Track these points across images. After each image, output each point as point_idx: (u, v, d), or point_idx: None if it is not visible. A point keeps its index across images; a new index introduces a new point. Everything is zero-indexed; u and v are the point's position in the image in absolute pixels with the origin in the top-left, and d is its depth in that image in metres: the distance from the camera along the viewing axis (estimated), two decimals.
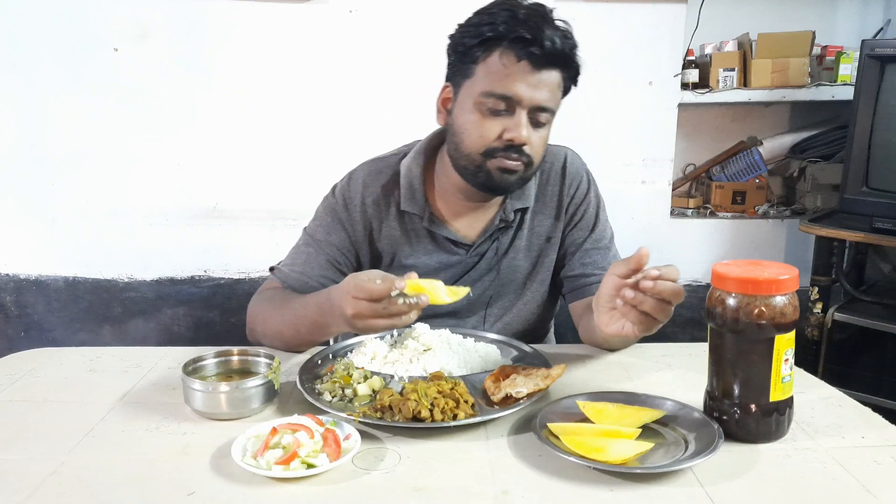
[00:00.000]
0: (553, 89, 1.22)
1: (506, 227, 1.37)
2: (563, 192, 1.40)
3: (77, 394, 1.10)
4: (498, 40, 1.18)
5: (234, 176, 2.57)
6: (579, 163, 1.43)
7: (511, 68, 1.18)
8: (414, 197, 1.34)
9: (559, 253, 1.41)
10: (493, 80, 1.20)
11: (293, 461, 0.84)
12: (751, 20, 2.69)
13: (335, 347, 1.23)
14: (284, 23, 2.46)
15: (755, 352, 0.91)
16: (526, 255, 1.40)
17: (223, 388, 0.99)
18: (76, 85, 2.48)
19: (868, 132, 2.17)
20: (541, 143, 1.26)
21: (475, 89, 1.22)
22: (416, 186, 1.34)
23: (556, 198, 1.40)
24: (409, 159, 1.37)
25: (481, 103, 1.21)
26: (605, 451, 0.86)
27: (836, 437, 0.95)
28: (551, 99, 1.22)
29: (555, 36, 1.17)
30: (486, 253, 1.38)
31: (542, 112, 1.22)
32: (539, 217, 1.40)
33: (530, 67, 1.18)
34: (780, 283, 0.89)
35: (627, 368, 1.20)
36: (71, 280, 2.64)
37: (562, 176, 1.40)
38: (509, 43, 1.18)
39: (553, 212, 1.40)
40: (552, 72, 1.20)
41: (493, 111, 1.21)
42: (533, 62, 1.18)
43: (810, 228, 2.33)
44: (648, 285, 1.01)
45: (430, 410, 0.95)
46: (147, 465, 0.89)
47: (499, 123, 1.21)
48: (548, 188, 1.40)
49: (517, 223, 1.38)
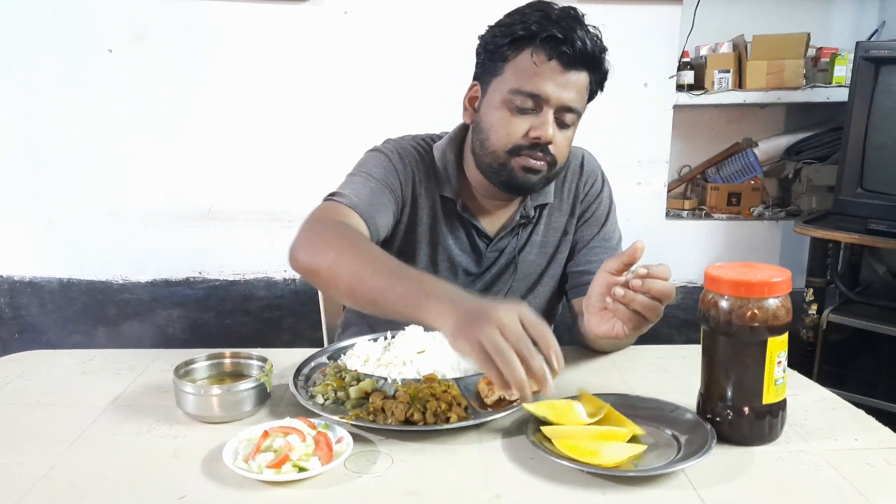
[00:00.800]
0: (581, 90, 1.22)
1: (525, 223, 1.38)
2: (579, 189, 1.42)
3: (68, 396, 1.10)
4: (530, 39, 1.19)
5: (229, 177, 2.56)
6: (595, 163, 1.46)
7: (541, 66, 1.19)
8: (450, 182, 1.35)
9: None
10: (522, 77, 1.21)
11: (285, 464, 0.84)
12: (746, 22, 2.69)
13: (328, 350, 1.22)
14: (280, 24, 2.45)
15: (748, 354, 0.91)
16: (541, 250, 1.41)
17: (215, 391, 0.99)
18: (71, 86, 2.47)
19: (863, 134, 2.17)
20: (566, 144, 1.26)
21: (504, 87, 1.23)
22: (451, 172, 1.35)
23: (572, 194, 1.42)
24: (444, 146, 1.37)
25: (509, 101, 1.22)
26: (597, 454, 0.86)
27: (829, 439, 0.95)
28: (578, 100, 1.23)
29: (586, 37, 1.19)
30: (506, 248, 1.39)
31: (569, 112, 1.22)
32: (556, 213, 1.41)
33: (560, 67, 1.19)
34: (773, 286, 0.89)
35: (621, 370, 1.20)
36: (65, 282, 2.63)
37: (579, 173, 1.42)
38: (540, 42, 1.18)
39: (569, 208, 1.42)
40: (581, 73, 1.21)
41: (520, 109, 1.22)
42: (563, 62, 1.19)
43: (805, 230, 2.34)
44: (638, 283, 0.99)
45: (422, 413, 0.95)
46: (138, 468, 0.89)
47: (526, 121, 1.22)
48: (565, 185, 1.42)
49: (535, 219, 1.39)
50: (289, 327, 2.68)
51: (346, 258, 1.08)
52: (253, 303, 2.66)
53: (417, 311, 0.97)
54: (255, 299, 2.65)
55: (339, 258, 1.08)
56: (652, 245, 2.88)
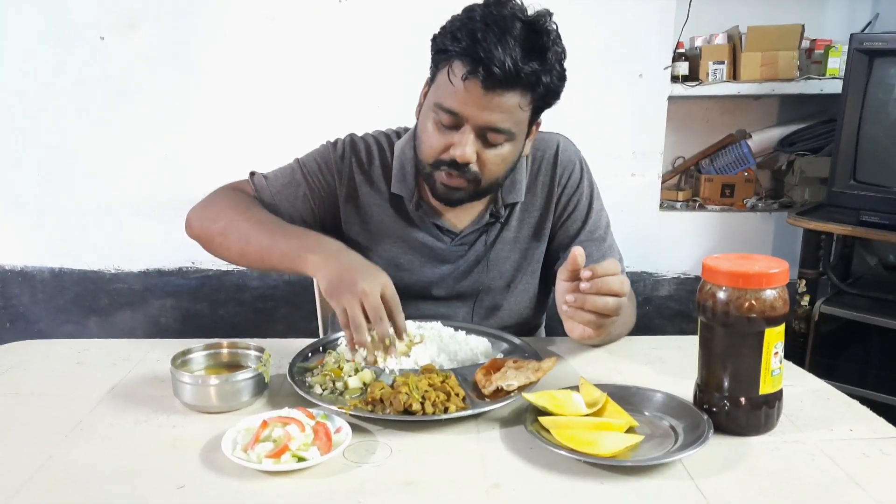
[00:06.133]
0: (509, 110, 1.15)
1: (494, 221, 1.37)
2: (555, 182, 1.38)
3: (64, 387, 1.09)
4: (452, 53, 1.14)
5: (221, 167, 2.52)
6: (572, 150, 1.41)
7: (459, 85, 1.13)
8: (405, 180, 1.34)
9: (552, 245, 1.41)
10: (443, 92, 1.17)
11: (284, 454, 0.84)
12: (740, 13, 2.70)
13: (325, 339, 1.22)
14: (273, 14, 2.44)
15: (745, 345, 0.91)
16: (513, 247, 1.39)
17: (213, 381, 0.99)
18: (63, 75, 2.46)
19: (856, 126, 2.18)
20: (496, 161, 1.21)
21: (432, 97, 1.21)
22: (408, 170, 1.34)
23: (546, 188, 1.38)
24: (404, 142, 1.36)
25: (434, 113, 1.19)
26: (595, 444, 0.86)
27: (824, 429, 0.95)
28: (506, 120, 1.16)
29: (509, 58, 1.09)
30: (475, 244, 1.38)
31: (496, 133, 1.17)
32: (529, 209, 1.39)
33: (480, 87, 1.12)
34: (771, 277, 0.89)
35: (618, 361, 1.20)
36: (57, 271, 2.62)
37: (553, 165, 1.38)
38: (463, 59, 1.12)
39: (543, 202, 1.38)
40: (507, 94, 1.13)
41: (443, 124, 1.18)
42: (482, 83, 1.11)
43: (798, 221, 2.35)
44: (586, 286, 1.04)
45: (421, 403, 0.95)
46: (136, 458, 0.89)
47: (447, 137, 1.19)
48: (539, 179, 1.38)
49: (506, 216, 1.38)
50: (283, 317, 2.67)
51: (235, 223, 1.24)
52: (246, 293, 2.65)
53: (298, 263, 1.14)
54: (249, 289, 2.65)
55: (228, 224, 1.25)
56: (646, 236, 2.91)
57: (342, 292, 1.05)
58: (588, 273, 1.05)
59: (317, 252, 1.14)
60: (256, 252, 1.22)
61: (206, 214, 1.31)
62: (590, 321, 1.08)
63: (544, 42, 1.14)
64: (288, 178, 1.37)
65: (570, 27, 1.21)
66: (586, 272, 1.05)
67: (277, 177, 1.38)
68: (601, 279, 1.05)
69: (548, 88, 1.17)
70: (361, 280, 1.05)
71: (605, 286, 1.05)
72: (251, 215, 1.26)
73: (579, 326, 1.11)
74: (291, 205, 1.36)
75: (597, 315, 1.07)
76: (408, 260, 1.37)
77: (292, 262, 1.16)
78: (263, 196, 1.35)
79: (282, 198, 1.35)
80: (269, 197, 1.35)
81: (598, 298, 1.06)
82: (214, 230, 1.28)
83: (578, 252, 1.07)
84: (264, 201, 1.34)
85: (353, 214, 1.38)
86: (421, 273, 1.37)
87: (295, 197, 1.36)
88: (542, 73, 1.14)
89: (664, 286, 2.75)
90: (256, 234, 1.22)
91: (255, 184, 1.37)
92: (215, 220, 1.28)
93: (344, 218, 1.38)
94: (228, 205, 1.29)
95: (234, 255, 1.27)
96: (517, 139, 1.22)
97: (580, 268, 1.07)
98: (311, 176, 1.37)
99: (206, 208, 1.32)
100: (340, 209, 1.38)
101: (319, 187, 1.37)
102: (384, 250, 1.37)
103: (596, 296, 1.05)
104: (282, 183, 1.37)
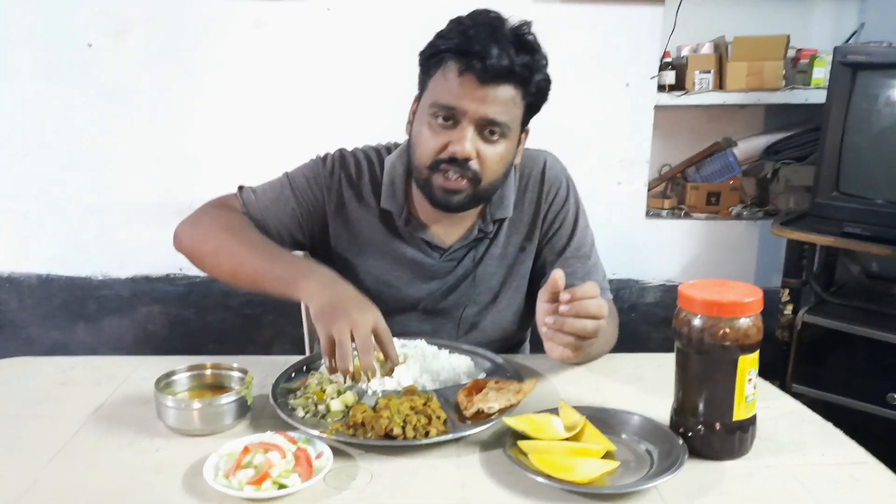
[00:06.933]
0: (505, 104, 1.20)
1: (483, 237, 1.38)
2: (541, 199, 1.40)
3: (50, 408, 1.10)
4: (447, 54, 1.20)
5: (210, 172, 2.55)
6: (559, 168, 1.43)
7: (456, 80, 1.19)
8: (394, 195, 1.35)
9: (538, 262, 1.42)
10: (439, 91, 1.21)
11: (265, 482, 0.85)
12: (727, 22, 2.71)
13: (309, 359, 1.23)
14: (262, 20, 2.44)
15: (720, 372, 0.93)
16: (500, 262, 1.40)
17: (195, 405, 1.00)
18: (51, 80, 2.45)
19: (839, 139, 2.20)
20: (495, 159, 1.24)
21: (426, 102, 1.24)
22: (398, 185, 1.35)
23: (533, 205, 1.40)
24: (395, 157, 1.38)
25: (431, 115, 1.23)
26: (573, 470, 0.88)
27: (797, 453, 0.97)
28: (503, 113, 1.21)
29: (503, 51, 1.16)
30: (464, 260, 1.39)
31: (493, 126, 1.21)
32: (516, 225, 1.40)
33: (476, 81, 1.18)
34: (745, 306, 0.91)
35: (598, 380, 1.22)
36: (44, 277, 2.61)
37: (540, 182, 1.40)
38: (457, 57, 1.18)
39: (529, 219, 1.40)
40: (502, 87, 1.19)
41: (440, 123, 1.22)
42: (478, 76, 1.17)
43: (782, 231, 2.37)
44: (566, 308, 1.08)
45: (402, 427, 0.97)
46: (120, 483, 0.90)
47: (445, 136, 1.22)
48: (526, 195, 1.40)
49: (494, 232, 1.39)
50: (270, 323, 2.68)
51: (227, 245, 1.24)
52: (234, 299, 2.65)
53: (292, 287, 1.15)
54: (236, 296, 2.65)
55: (219, 245, 1.25)
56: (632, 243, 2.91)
57: (335, 318, 1.04)
58: (567, 296, 1.07)
59: (312, 278, 1.14)
60: (249, 275, 1.22)
61: (196, 232, 1.31)
62: (568, 343, 1.11)
63: (533, 41, 1.21)
64: (277, 192, 1.38)
65: (557, 37, 1.24)
66: (565, 295, 1.08)
67: (266, 191, 1.39)
68: (580, 302, 1.08)
69: (538, 86, 1.23)
70: (355, 311, 1.06)
71: (584, 309, 1.08)
72: (244, 238, 1.26)
73: (558, 347, 1.13)
74: (280, 220, 1.36)
75: (575, 337, 1.10)
76: (396, 276, 1.38)
77: (286, 286, 1.16)
78: (252, 211, 1.36)
79: (270, 213, 1.36)
80: (257, 212, 1.36)
81: (577, 321, 1.09)
82: (206, 251, 1.28)
83: (558, 275, 1.10)
84: (252, 216, 1.35)
85: (342, 230, 1.39)
86: (409, 288, 1.38)
87: (283, 212, 1.37)
88: (534, 68, 1.20)
89: (650, 293, 2.77)
90: (250, 258, 1.22)
91: (243, 198, 1.37)
92: (206, 241, 1.28)
93: (332, 233, 1.39)
94: (220, 224, 1.29)
95: (225, 275, 1.26)
96: (511, 137, 1.25)
97: (560, 290, 1.10)
98: (300, 191, 1.37)
99: (195, 226, 1.32)
100: (329, 224, 1.39)
101: (308, 202, 1.38)
102: (372, 266, 1.38)
103: (574, 318, 1.08)
104: (270, 198, 1.37)
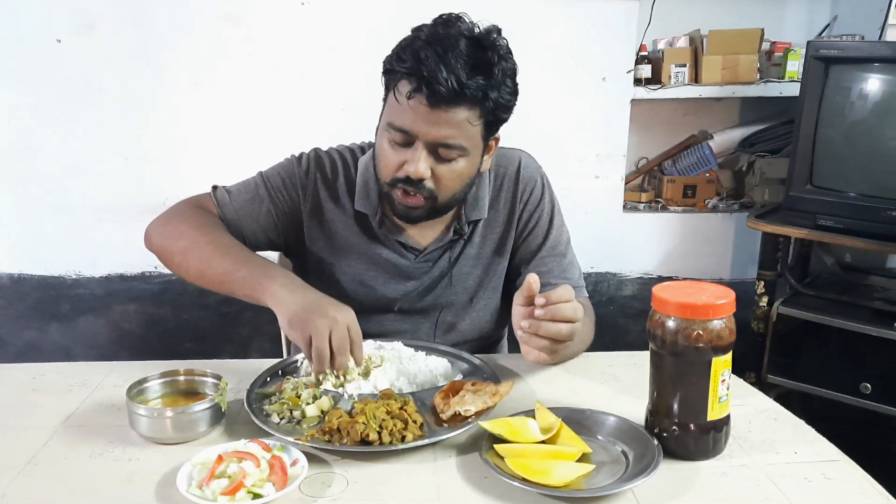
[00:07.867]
0: (459, 125, 1.17)
1: (458, 238, 1.38)
2: (517, 199, 1.39)
3: (20, 417, 1.08)
4: (399, 73, 1.17)
5: (183, 170, 2.52)
6: (534, 167, 1.43)
7: (406, 103, 1.16)
8: (368, 197, 1.34)
9: (514, 261, 1.42)
10: (394, 111, 1.19)
11: (239, 491, 0.84)
12: (702, 16, 2.72)
13: (284, 363, 1.22)
14: (235, 14, 2.41)
15: (693, 373, 0.94)
16: (475, 263, 1.40)
17: (168, 413, 0.99)
18: (19, 76, 2.40)
19: (812, 133, 2.21)
20: (451, 177, 1.23)
21: (384, 118, 1.23)
22: (371, 187, 1.34)
23: (508, 204, 1.39)
24: (368, 158, 1.36)
25: (387, 132, 1.21)
26: (548, 473, 0.88)
27: (770, 452, 0.98)
28: (456, 135, 1.18)
29: (453, 74, 1.11)
30: (439, 261, 1.38)
31: (447, 148, 1.19)
32: (492, 225, 1.40)
33: (425, 105, 1.14)
34: (718, 308, 0.92)
35: (574, 379, 1.22)
36: (16, 277, 2.57)
37: (515, 181, 1.40)
38: (408, 77, 1.15)
39: (505, 219, 1.40)
40: (453, 109, 1.15)
41: (396, 141, 1.20)
42: (427, 100, 1.13)
43: (756, 224, 2.39)
44: (541, 312, 1.09)
45: (378, 433, 0.96)
46: (91, 495, 0.89)
47: (401, 155, 1.21)
48: (501, 195, 1.40)
49: (470, 233, 1.39)
50: (248, 321, 2.66)
51: (197, 245, 1.24)
52: (210, 297, 2.63)
53: (258, 290, 1.15)
54: (213, 294, 2.59)
55: (189, 245, 1.24)
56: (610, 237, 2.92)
57: (311, 319, 1.06)
58: (542, 300, 1.08)
59: (279, 283, 1.14)
60: (216, 276, 1.22)
61: (167, 231, 1.30)
62: (543, 346, 1.12)
63: (490, 57, 1.16)
64: (251, 192, 1.37)
65: (532, 31, 1.23)
66: (540, 299, 1.08)
67: (241, 191, 1.37)
68: (555, 306, 1.09)
69: (497, 103, 1.18)
70: (332, 310, 1.08)
71: (559, 313, 1.09)
72: (214, 238, 1.26)
73: (534, 351, 1.14)
74: (255, 220, 1.35)
75: (551, 340, 1.11)
76: (372, 276, 1.37)
77: (252, 289, 1.16)
78: (226, 211, 1.34)
79: (245, 213, 1.35)
80: (231, 212, 1.34)
81: (552, 325, 1.09)
82: (175, 249, 1.28)
83: (533, 278, 1.10)
84: (227, 216, 1.34)
85: (318, 230, 1.38)
86: (385, 289, 1.38)
87: (258, 212, 1.35)
88: (488, 89, 1.15)
89: (628, 286, 2.78)
90: (219, 259, 1.22)
91: (217, 199, 1.36)
92: (176, 240, 1.28)
93: (308, 234, 1.38)
94: (191, 224, 1.28)
95: (192, 275, 1.26)
96: (471, 154, 1.23)
97: (535, 293, 1.10)
98: (274, 191, 1.36)
99: (167, 224, 1.31)
100: (304, 225, 1.38)
101: (283, 203, 1.36)
102: (348, 266, 1.37)
103: (550, 322, 1.09)
104: (245, 198, 1.36)
